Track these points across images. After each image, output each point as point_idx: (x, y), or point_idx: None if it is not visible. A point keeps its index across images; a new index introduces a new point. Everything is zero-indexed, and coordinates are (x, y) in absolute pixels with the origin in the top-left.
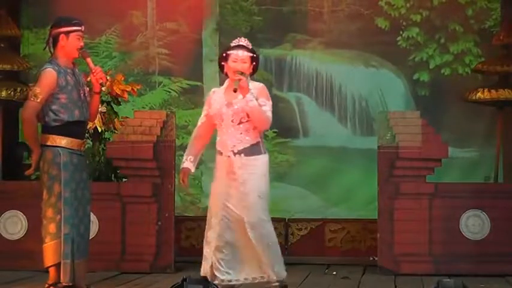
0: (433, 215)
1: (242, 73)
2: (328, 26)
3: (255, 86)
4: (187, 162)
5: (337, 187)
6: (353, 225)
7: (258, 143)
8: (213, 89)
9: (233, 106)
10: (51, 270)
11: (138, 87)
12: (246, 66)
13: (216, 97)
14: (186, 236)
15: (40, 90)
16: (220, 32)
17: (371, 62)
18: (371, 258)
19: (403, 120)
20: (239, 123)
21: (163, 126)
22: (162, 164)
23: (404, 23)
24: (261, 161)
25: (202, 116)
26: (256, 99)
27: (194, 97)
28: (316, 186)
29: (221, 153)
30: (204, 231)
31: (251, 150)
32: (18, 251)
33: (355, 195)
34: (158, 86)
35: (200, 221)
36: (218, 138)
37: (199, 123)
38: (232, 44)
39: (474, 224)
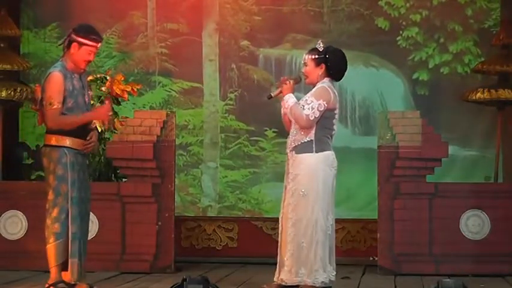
0: (433, 215)
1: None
2: (328, 26)
3: (317, 85)
4: None
5: (337, 187)
6: (353, 225)
7: (310, 141)
8: None
9: None
10: (52, 270)
11: (138, 87)
12: (308, 69)
13: None
14: (186, 236)
15: (53, 96)
16: (220, 32)
17: (371, 62)
18: (371, 258)
19: (403, 120)
20: (294, 123)
21: (163, 126)
22: (162, 164)
23: (404, 23)
24: (310, 159)
25: None
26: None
27: (194, 97)
28: None
29: None
30: (204, 231)
31: (301, 148)
32: (18, 251)
33: (355, 195)
34: (158, 86)
35: (200, 221)
36: None
37: None
38: None
39: (474, 224)
